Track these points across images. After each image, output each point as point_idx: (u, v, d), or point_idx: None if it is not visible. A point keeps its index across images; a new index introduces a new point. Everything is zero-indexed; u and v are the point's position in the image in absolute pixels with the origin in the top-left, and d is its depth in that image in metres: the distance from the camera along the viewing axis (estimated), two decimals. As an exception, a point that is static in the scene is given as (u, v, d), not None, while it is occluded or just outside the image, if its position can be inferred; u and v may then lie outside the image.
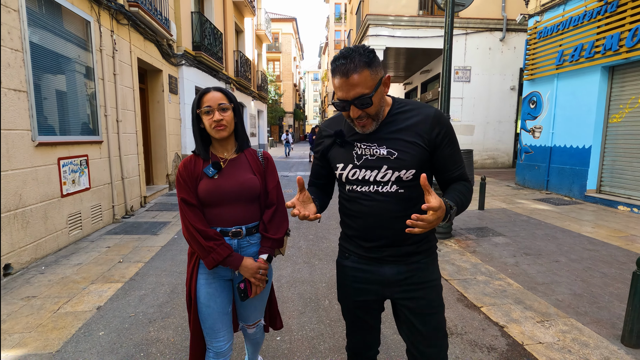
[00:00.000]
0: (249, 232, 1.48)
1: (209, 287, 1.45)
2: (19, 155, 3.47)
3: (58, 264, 3.67)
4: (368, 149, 1.19)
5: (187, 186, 1.40)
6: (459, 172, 1.24)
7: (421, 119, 1.17)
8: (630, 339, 2.30)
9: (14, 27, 3.43)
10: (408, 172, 1.15)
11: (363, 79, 1.06)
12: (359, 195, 1.22)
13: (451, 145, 1.20)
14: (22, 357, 2.16)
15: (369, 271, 1.27)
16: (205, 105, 1.37)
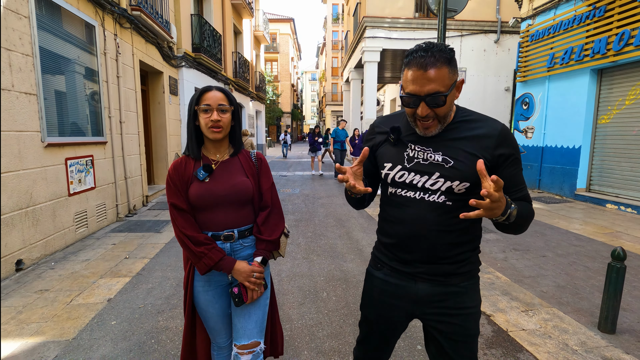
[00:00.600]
0: (241, 235, 1.43)
1: (206, 295, 1.42)
2: (29, 155, 3.62)
3: (67, 260, 3.83)
4: (422, 152, 1.12)
5: (177, 190, 1.36)
6: (520, 195, 1.11)
7: (487, 132, 1.08)
8: (605, 326, 2.49)
9: (25, 32, 3.58)
10: (461, 184, 1.07)
11: (441, 75, 0.99)
12: (402, 200, 1.15)
13: (514, 165, 1.10)
14: (42, 344, 2.32)
15: (400, 286, 1.19)
16: (204, 103, 1.33)
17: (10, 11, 3.39)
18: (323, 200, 7.35)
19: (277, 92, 36.24)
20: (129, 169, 5.86)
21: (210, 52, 10.19)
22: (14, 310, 2.74)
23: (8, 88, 3.35)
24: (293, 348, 2.31)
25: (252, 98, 17.27)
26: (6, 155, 3.32)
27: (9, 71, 3.36)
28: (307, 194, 8.12)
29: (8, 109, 3.35)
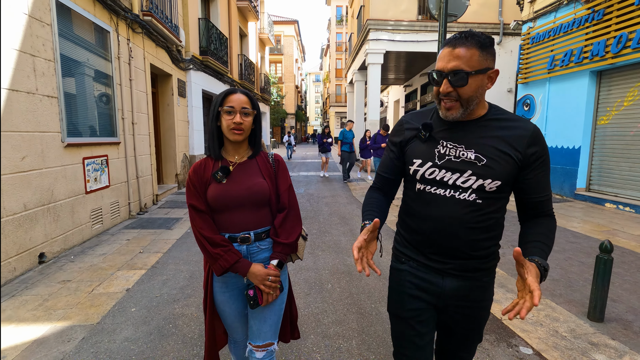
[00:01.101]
0: (258, 238, 1.43)
1: (223, 296, 1.46)
2: (51, 155, 3.84)
3: (85, 254, 4.04)
4: (454, 149, 1.11)
5: (196, 192, 1.38)
6: (544, 199, 1.13)
7: (519, 132, 1.08)
8: (594, 314, 2.64)
9: (48, 39, 3.80)
10: (493, 182, 1.07)
11: (468, 55, 1.01)
12: (430, 197, 1.14)
13: (543, 167, 1.10)
14: (69, 328, 2.52)
15: (428, 280, 1.19)
16: (228, 104, 1.35)
17: (34, 19, 3.61)
18: (327, 200, 7.53)
19: (282, 93, 36.49)
20: (140, 168, 6.08)
21: (217, 54, 10.43)
22: (40, 298, 2.95)
23: (32, 91, 3.57)
24: (300, 333, 2.49)
25: (257, 99, 17.49)
26: (31, 154, 3.54)
27: (33, 76, 3.58)
28: (311, 194, 8.30)
29: (32, 111, 3.57)
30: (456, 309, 1.19)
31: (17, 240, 3.36)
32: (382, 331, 2.51)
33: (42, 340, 2.37)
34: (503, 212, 1.16)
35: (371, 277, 3.47)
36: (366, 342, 2.38)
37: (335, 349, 2.32)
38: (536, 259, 1.01)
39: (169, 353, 2.25)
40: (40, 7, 3.69)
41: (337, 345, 2.35)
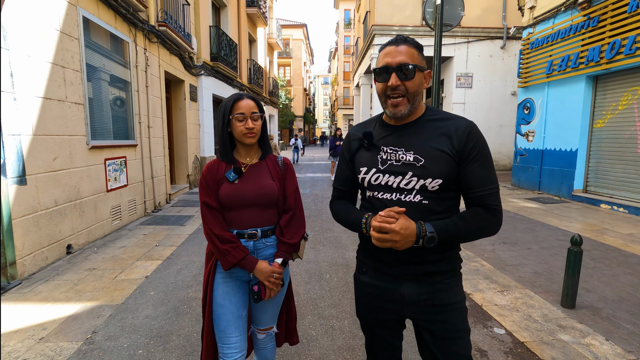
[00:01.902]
0: (264, 235, 1.50)
1: (225, 286, 1.48)
2: (78, 156, 4.25)
3: (106, 246, 4.43)
4: (394, 153, 1.15)
5: (209, 189, 1.45)
6: (484, 193, 1.11)
7: (454, 129, 1.11)
8: (566, 302, 2.91)
9: (75, 52, 4.22)
10: (434, 181, 1.09)
11: (411, 53, 1.10)
12: (379, 203, 1.16)
13: (480, 160, 1.11)
14: (98, 307, 2.89)
15: (387, 289, 1.20)
16: (238, 111, 1.42)
17: (64, 34, 4.03)
18: (331, 200, 7.84)
19: (290, 96, 36.98)
20: (155, 169, 6.49)
21: (227, 60, 10.86)
22: (71, 283, 3.33)
23: (62, 99, 3.98)
24: (299, 314, 2.81)
25: (265, 103, 17.94)
26: (61, 156, 3.95)
27: (63, 85, 3.99)
28: (316, 194, 8.63)
29: (62, 116, 3.97)
30: (425, 315, 1.17)
31: (49, 233, 3.76)
32: (372, 313, 2.82)
33: (76, 316, 2.74)
34: (455, 212, 1.17)
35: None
36: (357, 322, 2.69)
37: (329, 327, 2.63)
38: (421, 222, 1.07)
39: (184, 328, 2.59)
40: (69, 23, 4.11)
41: (331, 324, 2.67)
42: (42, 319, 2.69)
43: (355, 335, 2.52)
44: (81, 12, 4.31)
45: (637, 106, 6.07)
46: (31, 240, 3.50)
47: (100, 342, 2.41)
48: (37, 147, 3.59)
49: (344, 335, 2.53)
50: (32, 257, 3.50)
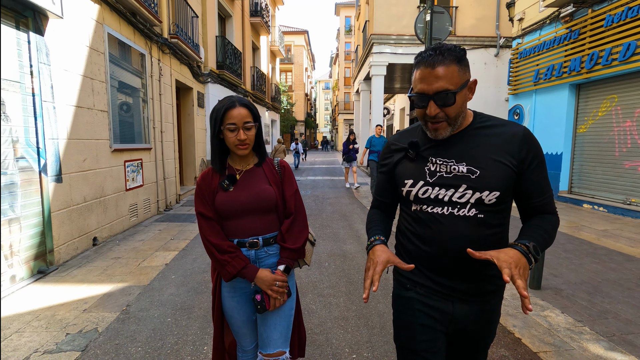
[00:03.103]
0: (266, 243, 1.45)
1: (231, 301, 1.46)
2: (102, 158, 4.73)
3: (127, 239, 4.90)
4: (444, 165, 1.07)
5: (204, 199, 1.41)
6: (545, 200, 1.09)
7: (509, 136, 1.05)
8: (532, 283, 3.35)
9: (101, 65, 4.72)
10: (491, 194, 1.02)
11: (450, 73, 0.98)
12: (429, 217, 1.09)
13: (539, 169, 1.06)
14: (128, 287, 3.35)
15: (437, 308, 1.12)
16: (229, 122, 1.34)
17: (93, 50, 4.53)
18: (331, 200, 8.31)
19: (292, 101, 37.58)
20: (166, 171, 6.97)
21: (232, 68, 11.39)
22: (101, 269, 3.80)
23: (91, 107, 4.47)
24: (301, 293, 3.26)
25: (267, 108, 18.48)
26: (89, 157, 4.43)
27: (92, 94, 4.49)
28: (317, 195, 9.09)
29: (90, 122, 4.46)
30: (465, 334, 1.14)
31: (79, 226, 4.23)
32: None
33: (110, 294, 3.20)
34: (508, 224, 1.13)
35: (362, 256, 4.22)
36: (350, 299, 3.15)
37: (327, 302, 3.09)
38: (517, 242, 0.98)
39: (203, 302, 3.05)
40: (97, 39, 4.61)
41: (328, 301, 3.12)
42: (82, 295, 3.16)
43: (348, 309, 2.97)
44: (106, 29, 4.82)
45: (614, 113, 6.54)
46: (65, 232, 3.97)
47: (134, 312, 2.87)
48: (71, 149, 4.07)
49: (339, 308, 2.98)
50: (65, 247, 3.97)
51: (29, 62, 3.45)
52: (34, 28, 3.49)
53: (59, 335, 2.53)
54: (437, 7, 5.79)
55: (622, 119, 6.38)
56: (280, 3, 21.15)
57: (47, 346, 2.39)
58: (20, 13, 3.34)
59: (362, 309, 2.97)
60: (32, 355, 2.29)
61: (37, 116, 3.54)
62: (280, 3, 21.16)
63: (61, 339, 2.48)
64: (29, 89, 3.47)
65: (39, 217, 3.59)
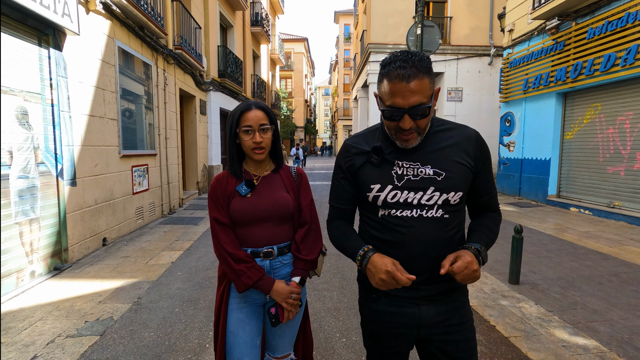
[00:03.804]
0: (281, 252, 1.40)
1: (239, 313, 1.38)
2: (112, 163, 5.03)
3: (134, 240, 5.18)
4: (411, 168, 1.08)
5: (220, 204, 1.35)
6: (491, 197, 1.17)
7: (464, 138, 1.10)
8: (512, 278, 3.63)
9: (112, 76, 5.04)
10: (456, 194, 1.07)
11: (423, 86, 0.98)
12: (398, 222, 1.09)
13: (489, 169, 1.15)
14: (138, 282, 3.63)
15: (405, 314, 1.13)
16: (245, 124, 1.32)
17: (105, 62, 4.86)
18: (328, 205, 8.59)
19: (291, 107, 38.01)
20: (170, 176, 7.27)
21: (233, 76, 11.75)
22: (112, 266, 4.07)
23: (102, 116, 4.78)
24: (298, 287, 3.54)
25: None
26: (100, 163, 4.73)
27: (103, 104, 4.80)
28: (316, 199, 9.26)
29: (102, 130, 4.77)
30: (443, 336, 1.13)
31: (91, 227, 4.52)
32: (356, 287, 3.55)
33: (122, 288, 3.48)
34: (464, 221, 1.17)
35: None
36: (343, 292, 3.43)
37: (321, 295, 3.36)
38: (470, 245, 1.06)
39: (208, 295, 3.33)
40: (108, 53, 4.94)
41: (322, 294, 3.40)
42: (96, 289, 3.44)
43: (340, 301, 3.25)
44: (117, 43, 5.15)
45: (598, 120, 6.86)
46: (78, 232, 4.25)
47: (145, 304, 3.15)
48: (84, 155, 4.38)
49: (332, 300, 3.26)
50: (78, 246, 4.25)
51: (49, 75, 3.77)
52: (53, 44, 3.81)
53: (79, 322, 2.81)
54: (427, 21, 6.14)
55: (605, 126, 6.70)
56: (280, 12, 21.62)
57: (69, 331, 2.67)
58: (42, 31, 3.66)
59: (352, 301, 3.25)
60: (56, 338, 2.57)
61: (56, 125, 3.84)
62: (280, 12, 21.63)
63: (81, 326, 2.75)
64: (49, 100, 3.78)
65: (55, 217, 3.88)
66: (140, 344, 2.52)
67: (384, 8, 13.11)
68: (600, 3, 6.43)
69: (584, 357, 2.37)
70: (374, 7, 13.16)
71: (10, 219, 3.27)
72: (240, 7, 12.57)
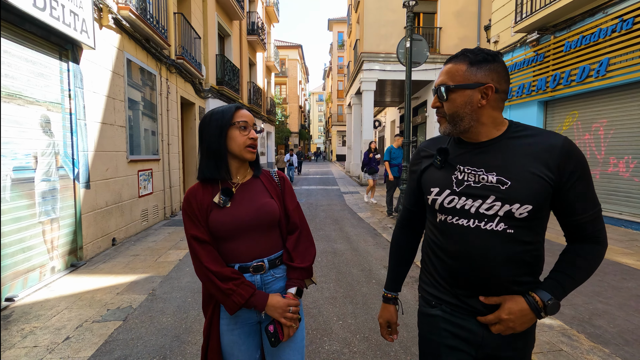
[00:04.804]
0: (272, 265, 1.29)
1: (231, 335, 1.26)
2: (120, 167, 5.34)
3: (141, 241, 5.48)
4: (472, 174, 1.01)
5: (196, 220, 1.22)
6: (586, 220, 0.98)
7: (547, 147, 0.95)
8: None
9: (121, 86, 5.37)
10: (522, 207, 0.93)
11: (455, 70, 0.98)
12: (454, 229, 1.02)
13: (582, 183, 0.96)
14: (150, 277, 3.94)
15: (466, 328, 1.03)
16: (242, 119, 1.25)
17: (115, 73, 5.19)
18: (324, 207, 8.96)
19: (286, 113, 38.43)
20: (172, 180, 7.58)
21: (230, 84, 12.11)
22: (123, 263, 4.37)
23: (112, 123, 5.10)
24: (298, 280, 3.88)
25: (263, 121, 19.20)
26: (110, 167, 5.04)
27: (113, 112, 5.13)
28: (311, 203, 9.73)
29: (112, 137, 5.09)
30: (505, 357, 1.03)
31: (102, 227, 4.81)
32: (351, 279, 3.90)
33: (136, 282, 3.79)
34: (542, 241, 1.05)
35: (350, 253, 4.85)
36: (339, 284, 3.78)
37: (319, 286, 3.71)
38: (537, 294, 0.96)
39: (216, 287, 3.65)
40: (118, 64, 5.28)
41: (320, 285, 3.74)
42: (112, 283, 3.74)
43: (337, 291, 3.60)
44: (126, 55, 5.49)
45: (575, 127, 7.34)
46: (91, 232, 4.55)
47: (159, 295, 3.47)
48: (97, 160, 4.69)
49: (330, 290, 3.61)
50: (91, 245, 4.55)
51: (68, 87, 4.09)
52: (72, 58, 4.14)
53: (102, 310, 3.12)
54: (416, 35, 6.58)
55: (582, 133, 7.18)
56: (275, 21, 22.10)
57: (94, 318, 2.98)
58: (63, 47, 3.99)
59: (348, 291, 3.60)
60: (84, 323, 2.88)
61: (73, 132, 4.16)
62: (276, 21, 22.11)
63: (104, 313, 3.06)
64: (67, 109, 4.10)
65: (72, 218, 4.18)
66: (160, 327, 2.84)
67: (376, 19, 13.62)
68: (576, 19, 6.94)
69: (549, 333, 2.74)
70: (366, 17, 13.67)
71: (35, 219, 3.57)
72: (237, 17, 12.98)
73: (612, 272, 3.99)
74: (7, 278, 3.21)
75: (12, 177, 3.27)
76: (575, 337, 2.68)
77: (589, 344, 2.60)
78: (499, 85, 0.98)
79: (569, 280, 0.98)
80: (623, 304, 3.21)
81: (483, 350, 1.03)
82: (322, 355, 2.49)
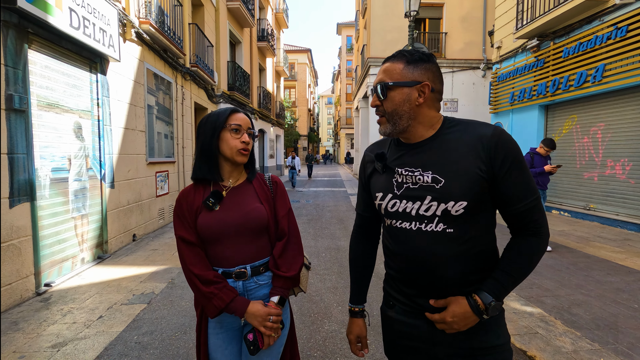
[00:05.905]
0: (255, 272, 1.28)
1: (215, 338, 1.29)
2: (140, 169, 5.78)
3: (158, 237, 5.90)
4: (410, 175, 0.99)
5: (185, 221, 1.24)
6: (525, 208, 0.94)
7: (477, 138, 0.94)
8: (483, 266, 4.28)
9: (141, 94, 5.82)
10: (457, 204, 0.92)
11: (392, 68, 0.98)
12: (400, 233, 1.02)
13: (515, 171, 0.92)
14: (169, 268, 4.33)
15: (415, 325, 1.04)
16: (235, 122, 1.25)
17: (136, 82, 5.64)
18: (330, 208, 9.30)
19: (295, 116, 38.95)
20: (187, 181, 8.01)
21: (241, 89, 12.58)
22: (144, 256, 4.78)
23: (134, 128, 5.55)
24: (303, 272, 4.22)
25: (272, 124, 19.68)
26: (132, 169, 5.48)
27: (135, 118, 5.57)
28: (318, 204, 10.08)
29: (133, 141, 5.53)
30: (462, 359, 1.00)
31: (124, 224, 5.24)
32: (351, 272, 4.23)
33: (156, 272, 4.19)
34: (491, 235, 1.03)
35: (352, 250, 5.17)
36: (340, 276, 4.11)
37: (322, 278, 4.05)
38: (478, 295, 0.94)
39: (229, 278, 4.02)
40: (139, 74, 5.73)
41: (323, 277, 4.08)
42: (135, 273, 4.14)
43: (338, 282, 3.93)
44: (146, 65, 5.94)
45: (575, 130, 7.55)
46: (114, 228, 4.98)
47: (177, 283, 3.85)
48: (120, 162, 5.12)
49: (332, 282, 3.94)
50: (115, 240, 4.97)
51: (97, 96, 4.54)
52: (100, 70, 4.59)
53: (128, 295, 3.51)
54: (417, 43, 6.89)
55: (581, 136, 7.38)
56: (284, 26, 22.60)
57: (122, 301, 3.37)
58: (92, 60, 4.44)
59: (348, 282, 3.92)
60: (113, 305, 3.27)
61: (100, 136, 4.60)
62: (285, 26, 22.61)
63: (130, 297, 3.46)
64: (96, 116, 4.54)
65: (99, 214, 4.61)
66: (180, 309, 3.22)
67: (382, 25, 13.96)
68: (574, 26, 7.16)
69: (529, 319, 3.03)
70: (373, 24, 14.02)
71: (68, 214, 4.00)
72: (248, 24, 13.46)
73: (598, 268, 4.23)
74: (45, 266, 3.63)
75: (50, 177, 3.70)
76: (552, 323, 2.96)
77: (564, 328, 2.88)
78: (434, 84, 0.99)
79: (510, 278, 0.95)
80: (602, 295, 3.47)
81: (442, 348, 1.02)
82: (322, 334, 2.83)
